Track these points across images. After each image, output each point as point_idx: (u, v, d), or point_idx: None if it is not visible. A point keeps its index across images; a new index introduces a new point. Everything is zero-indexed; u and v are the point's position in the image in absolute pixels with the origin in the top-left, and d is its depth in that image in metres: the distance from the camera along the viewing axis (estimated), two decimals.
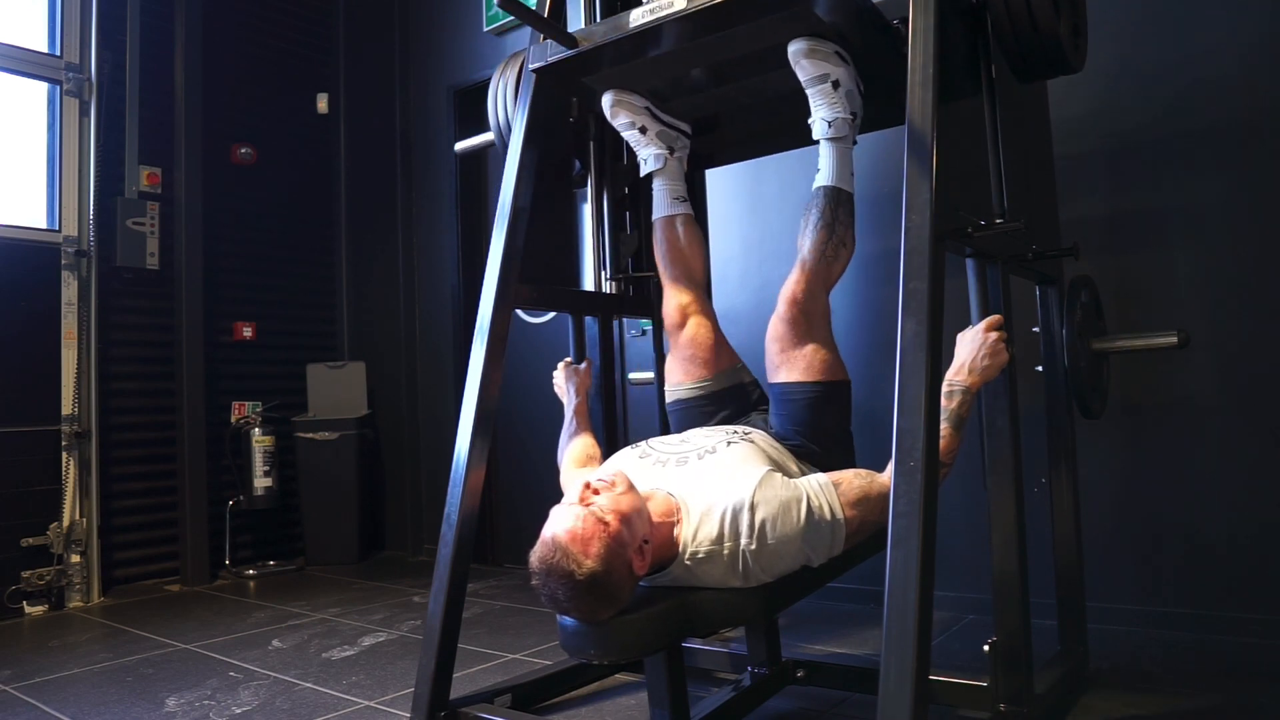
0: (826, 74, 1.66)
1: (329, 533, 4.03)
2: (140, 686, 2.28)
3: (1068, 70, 1.71)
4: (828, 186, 1.69)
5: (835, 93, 1.67)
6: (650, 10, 1.67)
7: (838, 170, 1.69)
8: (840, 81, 1.67)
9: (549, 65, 1.88)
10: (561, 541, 1.31)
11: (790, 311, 1.64)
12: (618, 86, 1.92)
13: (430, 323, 4.17)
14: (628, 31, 1.70)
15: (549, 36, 1.82)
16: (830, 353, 1.68)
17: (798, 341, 1.65)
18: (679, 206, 1.99)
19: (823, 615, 2.67)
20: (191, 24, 3.85)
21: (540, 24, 1.81)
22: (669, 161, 1.99)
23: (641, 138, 1.97)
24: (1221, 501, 2.26)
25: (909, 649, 1.17)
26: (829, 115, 1.68)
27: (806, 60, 1.66)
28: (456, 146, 2.71)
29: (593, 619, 1.35)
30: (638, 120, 1.95)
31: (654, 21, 1.66)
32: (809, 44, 1.64)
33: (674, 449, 1.62)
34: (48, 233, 3.48)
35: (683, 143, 2.03)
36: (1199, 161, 2.31)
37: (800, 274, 1.66)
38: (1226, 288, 2.27)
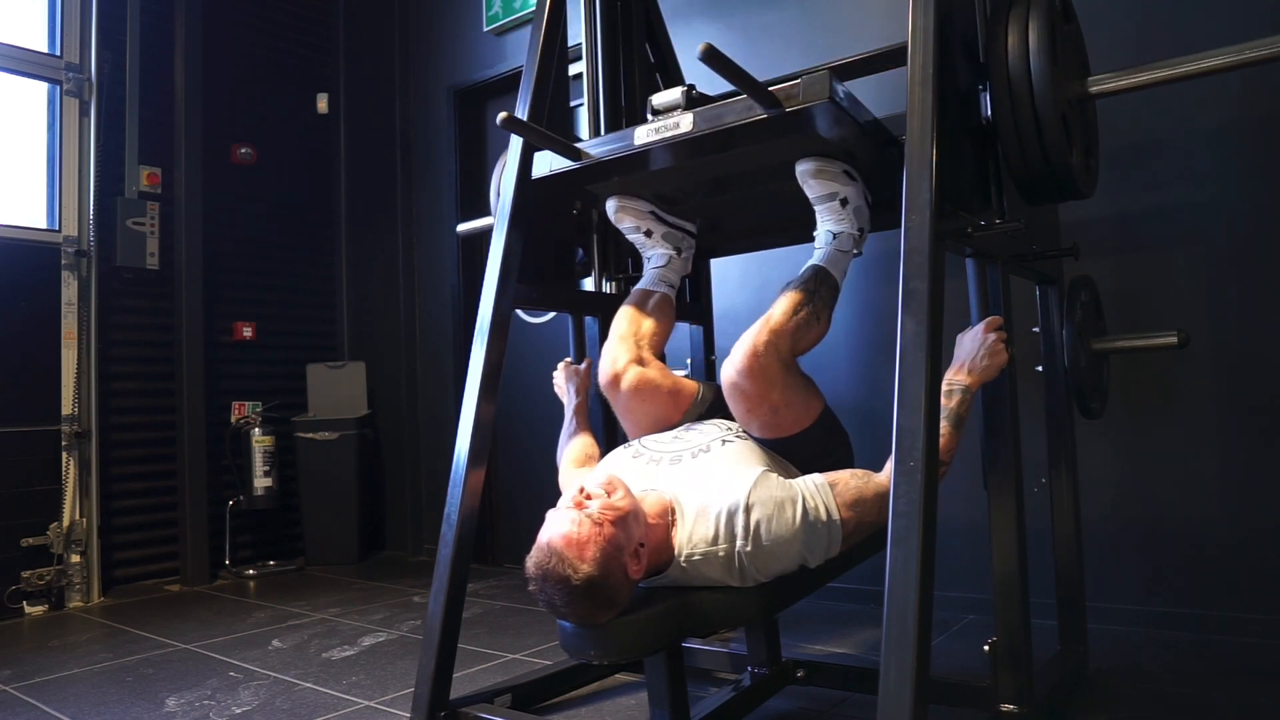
0: (835, 192, 1.63)
1: (329, 533, 4.03)
2: (140, 686, 2.28)
3: (1079, 197, 1.66)
4: (818, 265, 1.62)
5: (844, 210, 1.64)
6: (655, 130, 1.63)
7: (833, 260, 1.63)
8: (849, 199, 1.64)
9: (552, 175, 1.85)
10: (557, 547, 1.30)
11: (748, 363, 1.49)
12: (622, 193, 1.89)
13: (430, 323, 4.17)
14: (633, 150, 1.67)
15: (555, 152, 1.79)
16: (796, 400, 1.56)
17: (760, 396, 1.52)
18: (662, 287, 1.93)
19: (823, 615, 2.67)
20: (191, 24, 3.85)
21: (547, 141, 1.78)
22: (674, 261, 1.96)
23: (647, 240, 1.94)
24: (1221, 501, 2.26)
25: (909, 649, 1.17)
26: (835, 229, 1.65)
27: (814, 180, 1.63)
28: (459, 229, 2.71)
29: (590, 623, 1.34)
30: (643, 224, 1.92)
31: (659, 142, 1.63)
32: (816, 164, 1.61)
33: (667, 447, 1.61)
34: (48, 233, 3.48)
35: (689, 243, 1.99)
36: (1199, 161, 2.31)
37: (763, 326, 1.52)
38: (1226, 288, 2.27)
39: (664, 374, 1.77)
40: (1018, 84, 1.51)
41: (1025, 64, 1.51)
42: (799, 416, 1.57)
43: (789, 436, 1.58)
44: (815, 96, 1.43)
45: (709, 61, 1.34)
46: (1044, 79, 1.49)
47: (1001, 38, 1.54)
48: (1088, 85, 1.65)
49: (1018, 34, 1.53)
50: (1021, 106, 1.51)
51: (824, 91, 1.42)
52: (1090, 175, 1.72)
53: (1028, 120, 1.51)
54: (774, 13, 3.03)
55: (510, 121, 1.74)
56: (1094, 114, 1.82)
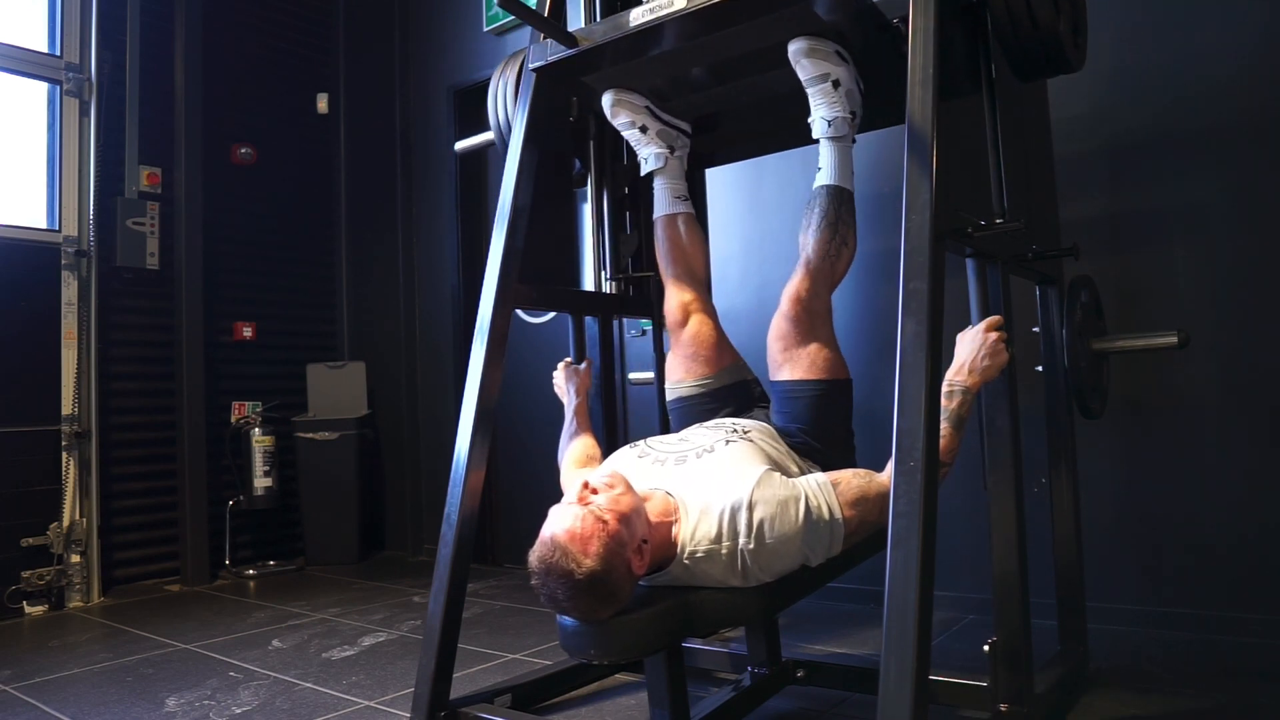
0: (827, 73, 1.66)
1: (329, 533, 4.03)
2: (140, 686, 2.28)
3: (1068, 69, 1.71)
4: (830, 185, 1.69)
5: (835, 92, 1.67)
6: (650, 10, 1.67)
7: (839, 169, 1.69)
8: (840, 80, 1.67)
9: (549, 65, 1.88)
10: (560, 541, 1.31)
11: (794, 310, 1.65)
12: (618, 86, 1.92)
13: (430, 323, 4.17)
14: (627, 31, 1.70)
15: (549, 36, 1.82)
16: (833, 351, 1.68)
17: (801, 340, 1.65)
18: (680, 205, 1.99)
19: (823, 615, 2.67)
20: (191, 24, 3.85)
21: (540, 23, 1.81)
22: (669, 160, 1.99)
23: (642, 137, 1.97)
24: (1221, 501, 2.26)
25: (909, 649, 1.17)
26: (829, 114, 1.68)
27: (806, 59, 1.66)
28: (456, 146, 2.71)
29: (592, 618, 1.35)
30: (638, 119, 1.95)
31: (654, 21, 1.66)
32: (809, 43, 1.65)
33: (672, 448, 1.62)
34: (48, 233, 3.48)
35: (683, 141, 2.04)
36: (1199, 161, 2.31)
37: (804, 272, 1.66)
38: (1226, 288, 2.27)
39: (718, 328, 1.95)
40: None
41: None
42: (837, 363, 1.67)
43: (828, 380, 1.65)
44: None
45: None
46: None
47: None
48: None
49: None
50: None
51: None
52: (1079, 50, 1.76)
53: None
54: None
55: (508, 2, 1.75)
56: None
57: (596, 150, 2.28)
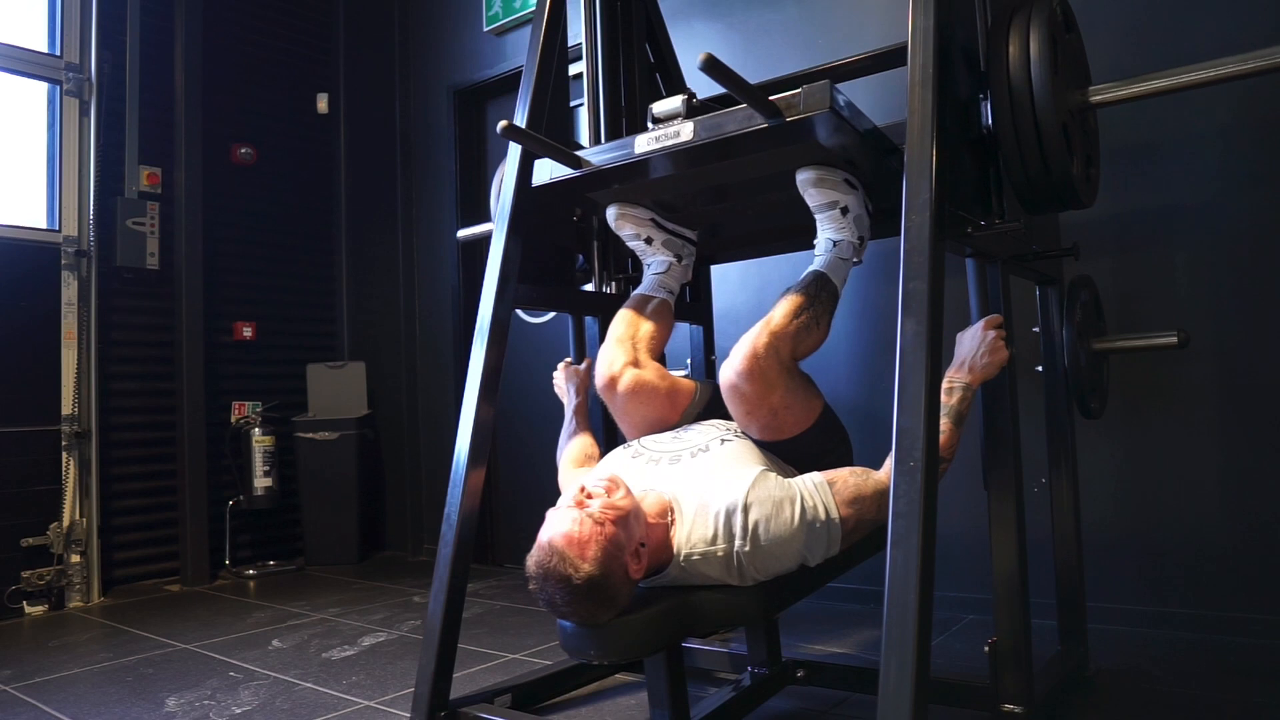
0: (835, 201, 1.63)
1: (329, 533, 4.03)
2: (140, 686, 2.28)
3: (1078, 206, 1.65)
4: (818, 271, 1.62)
5: (844, 218, 1.64)
6: (656, 139, 1.63)
7: (833, 267, 1.63)
8: (849, 208, 1.64)
9: (552, 183, 1.85)
10: (558, 546, 1.31)
11: (748, 365, 1.49)
12: (622, 201, 1.89)
13: (430, 323, 4.17)
14: (633, 158, 1.67)
15: (555, 160, 1.79)
16: (796, 399, 1.55)
17: (760, 398, 1.51)
18: (661, 293, 1.93)
19: (823, 615, 2.67)
20: (191, 24, 3.85)
21: (547, 150, 1.78)
22: (674, 268, 1.96)
23: (647, 248, 1.94)
24: (1221, 501, 2.26)
25: (909, 649, 1.17)
26: (836, 236, 1.65)
27: (814, 189, 1.63)
28: (459, 234, 2.71)
29: (591, 623, 1.34)
30: (643, 232, 1.91)
31: (659, 151, 1.63)
32: (817, 173, 1.61)
33: (666, 447, 1.61)
34: (48, 233, 3.48)
35: (689, 250, 1.99)
36: (1199, 162, 2.31)
37: (763, 328, 1.52)
38: (1226, 288, 2.27)
39: (661, 375, 1.77)
40: (1019, 93, 1.51)
41: (1026, 73, 1.50)
42: (799, 418, 1.57)
43: (789, 439, 1.58)
44: (816, 106, 1.43)
45: (709, 72, 1.34)
46: (1045, 89, 1.48)
47: (1002, 47, 1.54)
48: (1089, 95, 1.65)
49: (1019, 43, 1.52)
50: (1022, 116, 1.50)
51: (825, 101, 1.42)
52: (1091, 185, 1.72)
53: (1028, 130, 1.50)
54: (773, 13, 3.03)
55: (511, 130, 1.74)
56: (1095, 123, 1.81)
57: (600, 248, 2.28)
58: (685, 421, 1.76)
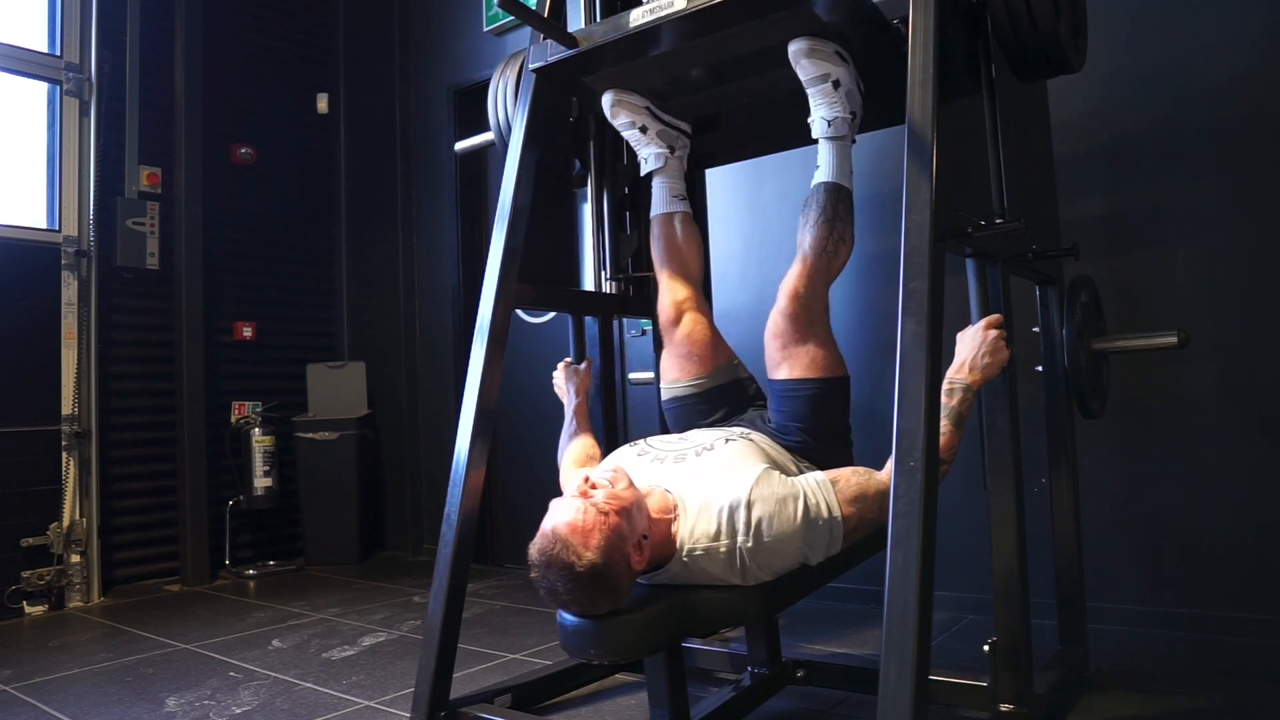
0: (827, 73, 1.66)
1: (329, 533, 4.03)
2: (140, 686, 2.28)
3: (1068, 70, 1.70)
4: (827, 183, 1.68)
5: (835, 92, 1.67)
6: (650, 10, 1.67)
7: (837, 167, 1.69)
8: (840, 81, 1.67)
9: (549, 65, 1.88)
10: (561, 533, 1.31)
11: (792, 306, 1.63)
12: (618, 86, 1.93)
13: (430, 323, 4.17)
14: (627, 31, 1.70)
15: (549, 36, 1.82)
16: (831, 348, 1.67)
17: (799, 338, 1.64)
18: (678, 204, 1.99)
19: (823, 615, 2.67)
20: (191, 24, 3.85)
21: (540, 24, 1.81)
22: (669, 160, 1.99)
23: (642, 137, 1.97)
24: (1221, 501, 2.26)
25: (909, 649, 1.17)
26: (828, 114, 1.68)
27: (806, 60, 1.66)
28: (456, 146, 2.71)
29: (591, 613, 1.35)
30: (638, 120, 1.95)
31: (654, 21, 1.66)
32: (809, 43, 1.64)
33: (672, 446, 1.62)
34: (48, 233, 3.48)
35: (683, 142, 2.04)
36: (1199, 161, 2.31)
37: (801, 269, 1.65)
38: (1226, 288, 2.27)
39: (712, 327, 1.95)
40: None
41: None
42: (835, 361, 1.66)
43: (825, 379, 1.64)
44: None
45: None
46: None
47: None
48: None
49: None
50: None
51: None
52: (1079, 52, 1.76)
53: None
54: None
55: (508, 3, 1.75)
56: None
57: (597, 150, 2.27)
58: (714, 380, 1.86)
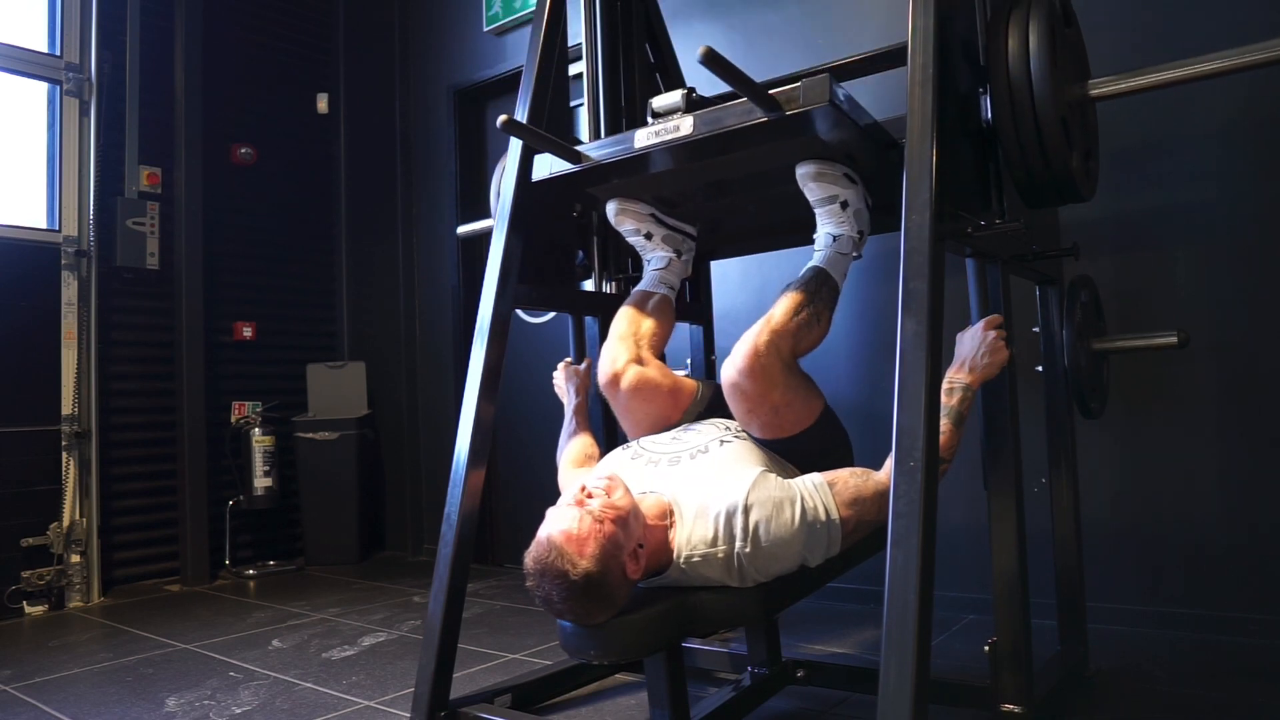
0: (835, 195, 1.63)
1: (329, 533, 4.03)
2: (140, 686, 2.28)
3: (1078, 199, 1.65)
4: (818, 267, 1.62)
5: (844, 213, 1.64)
6: (656, 133, 1.63)
7: (833, 262, 1.63)
8: (849, 202, 1.63)
9: (552, 178, 1.85)
10: (557, 542, 1.31)
11: (748, 363, 1.49)
12: (622, 195, 1.89)
13: (430, 323, 4.17)
14: (633, 153, 1.67)
15: (556, 154, 1.79)
16: (798, 397, 1.56)
17: (761, 396, 1.52)
18: (662, 289, 1.93)
19: (823, 615, 2.67)
20: (191, 24, 3.85)
21: (546, 144, 1.78)
22: (674, 264, 1.96)
23: (647, 243, 1.94)
24: (1221, 501, 2.26)
25: (909, 649, 1.17)
26: (835, 231, 1.65)
27: (814, 183, 1.62)
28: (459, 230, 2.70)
29: (588, 622, 1.34)
30: (643, 227, 1.91)
31: (660, 145, 1.63)
32: (816, 167, 1.61)
33: (665, 448, 1.61)
34: (48, 233, 3.48)
35: (689, 245, 1.99)
36: (1199, 161, 2.31)
37: (764, 326, 1.52)
38: (1226, 288, 2.27)
39: (663, 373, 1.77)
40: (1018, 87, 1.51)
41: (1025, 67, 1.50)
42: (800, 416, 1.57)
43: (790, 437, 1.57)
44: (815, 100, 1.43)
45: (709, 65, 1.34)
46: (1044, 82, 1.49)
47: (1002, 40, 1.54)
48: (1088, 88, 1.65)
49: (1018, 37, 1.53)
50: (1022, 109, 1.51)
51: (824, 95, 1.42)
52: (1090, 178, 1.72)
53: (1028, 123, 1.51)
54: (774, 13, 3.03)
55: (510, 124, 1.74)
56: (1094, 117, 1.81)
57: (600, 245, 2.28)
58: (687, 420, 1.76)
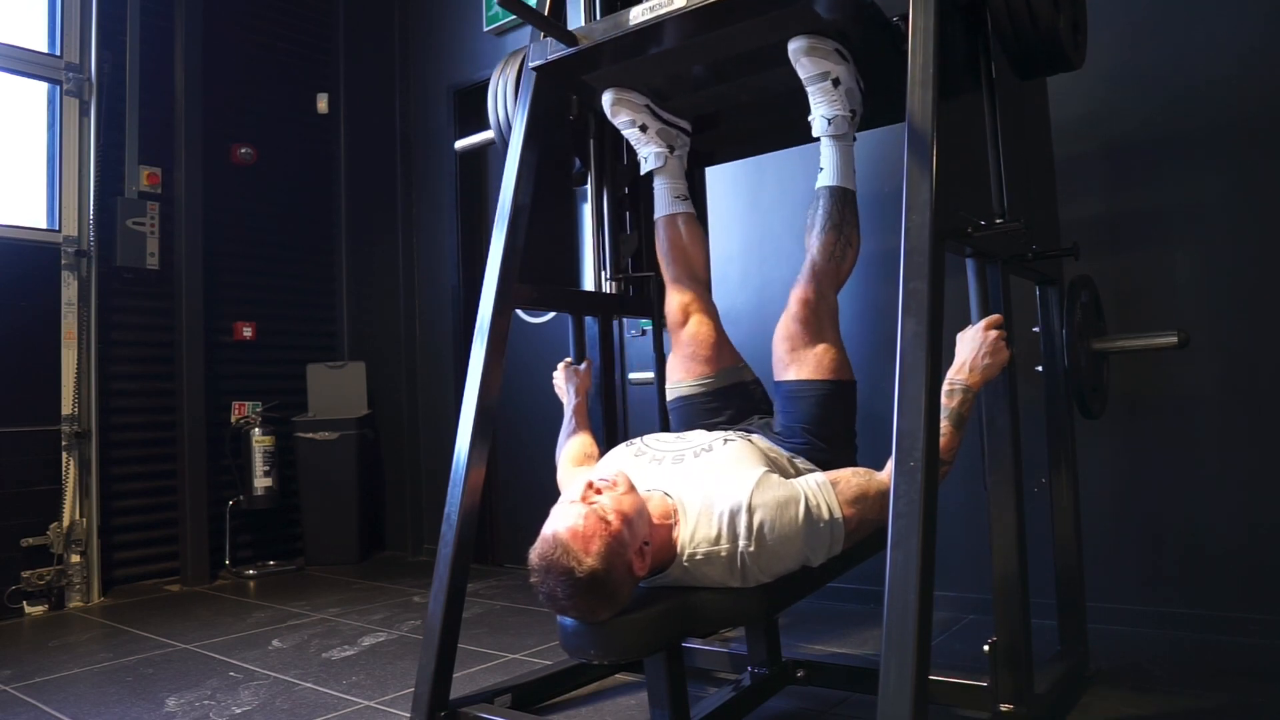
0: (826, 71, 1.66)
1: (329, 533, 4.03)
2: (140, 686, 2.28)
3: (1068, 67, 1.70)
4: (832, 186, 1.69)
5: (835, 90, 1.67)
6: (650, 8, 1.67)
7: (840, 169, 1.69)
8: (840, 79, 1.67)
9: (549, 63, 1.88)
10: (563, 538, 1.30)
11: (803, 311, 1.66)
12: (618, 85, 1.93)
13: (430, 323, 4.17)
14: (627, 29, 1.70)
15: (549, 34, 1.82)
16: (839, 352, 1.69)
17: (808, 341, 1.66)
18: (681, 205, 2.00)
19: (823, 615, 2.67)
20: (191, 24, 3.85)
21: (540, 22, 1.81)
22: (669, 160, 1.99)
23: (642, 136, 1.97)
24: (1221, 501, 2.26)
25: (909, 649, 1.17)
26: (829, 113, 1.68)
27: (806, 58, 1.66)
28: (456, 145, 2.71)
29: (591, 619, 1.34)
30: (638, 118, 1.95)
31: (654, 19, 1.67)
32: (809, 41, 1.65)
33: (670, 447, 1.61)
34: (48, 233, 3.48)
35: (683, 140, 2.04)
36: (1199, 161, 2.31)
37: (810, 274, 1.68)
38: (1226, 288, 2.27)
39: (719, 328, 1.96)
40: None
41: None
42: (843, 364, 1.69)
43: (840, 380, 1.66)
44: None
45: None
46: None
47: None
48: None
49: None
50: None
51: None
52: (1079, 49, 1.76)
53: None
54: None
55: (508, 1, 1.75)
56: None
57: (597, 149, 2.28)
58: (720, 381, 1.87)
